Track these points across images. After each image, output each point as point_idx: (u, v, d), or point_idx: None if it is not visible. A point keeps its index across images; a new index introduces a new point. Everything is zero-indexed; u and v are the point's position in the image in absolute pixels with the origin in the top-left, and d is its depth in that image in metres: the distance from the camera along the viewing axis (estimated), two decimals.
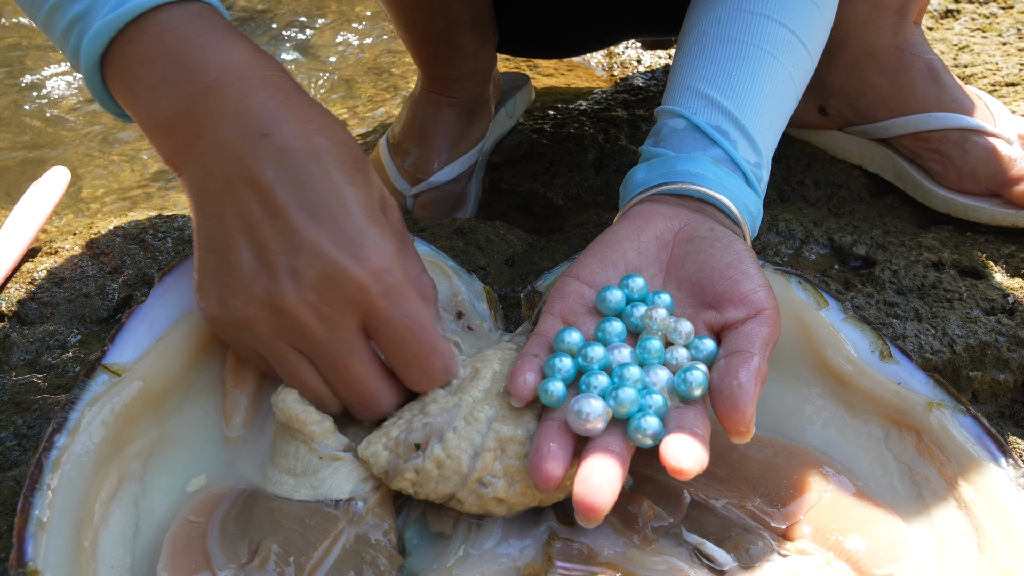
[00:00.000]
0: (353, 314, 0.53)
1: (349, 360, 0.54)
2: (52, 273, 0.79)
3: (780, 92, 0.69)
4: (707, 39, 0.70)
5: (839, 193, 0.99)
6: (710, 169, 0.64)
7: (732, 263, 0.58)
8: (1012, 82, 1.14)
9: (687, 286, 0.59)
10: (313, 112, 0.56)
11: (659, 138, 0.68)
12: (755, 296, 0.57)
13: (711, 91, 0.67)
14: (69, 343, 0.73)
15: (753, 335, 0.55)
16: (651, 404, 0.52)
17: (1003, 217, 0.87)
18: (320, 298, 0.52)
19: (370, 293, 0.53)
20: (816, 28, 0.72)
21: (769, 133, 0.68)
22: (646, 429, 0.51)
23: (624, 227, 0.62)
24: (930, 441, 0.58)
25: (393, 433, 0.55)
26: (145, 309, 0.60)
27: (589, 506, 0.47)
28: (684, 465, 0.48)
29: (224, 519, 0.52)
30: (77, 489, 0.50)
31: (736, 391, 0.52)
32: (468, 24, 1.00)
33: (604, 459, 0.49)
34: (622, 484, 0.49)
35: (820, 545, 0.54)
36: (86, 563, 0.48)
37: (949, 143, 0.91)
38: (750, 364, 0.53)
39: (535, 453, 0.50)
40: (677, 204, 0.63)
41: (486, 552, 0.54)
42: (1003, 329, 0.74)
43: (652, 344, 0.55)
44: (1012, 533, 0.52)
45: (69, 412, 0.53)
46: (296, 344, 0.54)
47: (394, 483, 0.54)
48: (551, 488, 0.49)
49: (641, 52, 1.48)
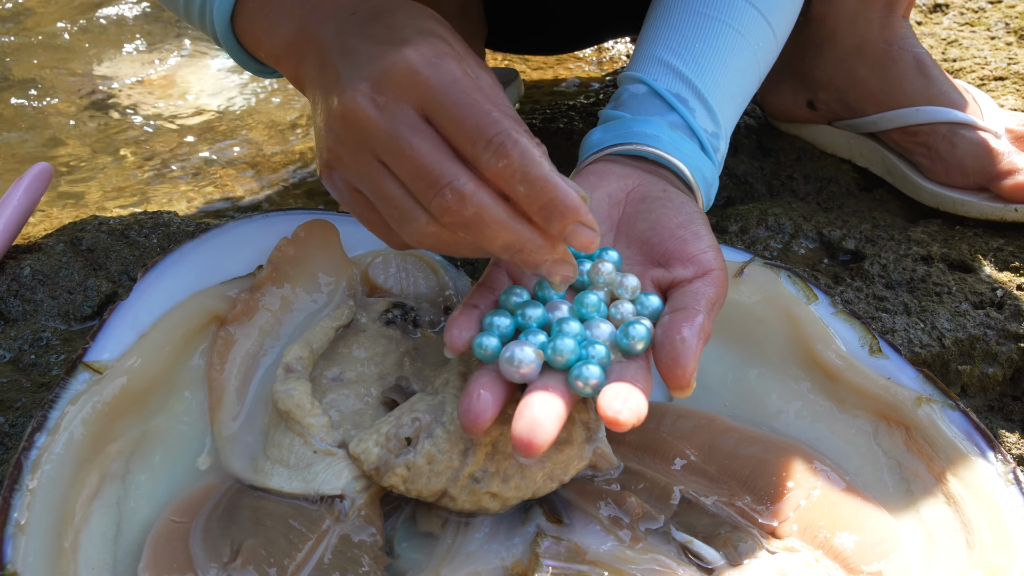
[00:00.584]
0: (409, 97, 0.50)
1: (412, 139, 0.49)
2: (35, 270, 0.78)
3: (743, 68, 0.70)
4: (674, 11, 0.70)
5: (828, 187, 0.99)
6: (666, 132, 0.64)
7: (683, 223, 0.58)
8: (1000, 76, 1.14)
9: (637, 244, 0.59)
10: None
11: (619, 102, 0.69)
12: (704, 256, 0.56)
13: (674, 60, 0.68)
14: (52, 341, 0.73)
15: (699, 293, 0.54)
16: (593, 354, 0.51)
17: (991, 211, 0.87)
18: (374, 88, 0.50)
19: (419, 70, 0.49)
20: (783, 11, 0.73)
21: (729, 107, 0.69)
22: (588, 378, 0.50)
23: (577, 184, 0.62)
24: (919, 436, 0.58)
25: (383, 429, 0.54)
26: (127, 306, 0.59)
27: (527, 441, 0.46)
28: (621, 416, 0.47)
29: (208, 519, 0.51)
30: (57, 489, 0.50)
31: (679, 345, 0.51)
32: (455, 17, 1.00)
33: (544, 395, 0.49)
34: (562, 423, 0.48)
35: (808, 542, 0.54)
36: (66, 565, 0.48)
37: (937, 137, 0.91)
38: (694, 320, 0.52)
39: (465, 398, 0.50)
40: (631, 165, 0.64)
41: (474, 551, 0.53)
42: (992, 323, 0.74)
43: (589, 299, 0.55)
44: (1000, 529, 0.52)
45: (49, 411, 0.52)
46: (369, 149, 0.51)
47: (385, 479, 0.53)
48: (478, 431, 0.48)
49: (631, 47, 1.47)
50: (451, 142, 0.50)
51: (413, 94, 0.50)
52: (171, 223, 0.84)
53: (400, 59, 0.50)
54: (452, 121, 0.49)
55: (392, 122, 0.50)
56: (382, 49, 0.51)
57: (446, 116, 0.49)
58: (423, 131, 0.49)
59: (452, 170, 0.48)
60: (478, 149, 0.48)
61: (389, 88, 0.50)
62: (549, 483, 0.54)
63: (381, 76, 0.50)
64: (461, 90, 0.49)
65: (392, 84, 0.50)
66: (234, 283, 0.63)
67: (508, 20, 1.10)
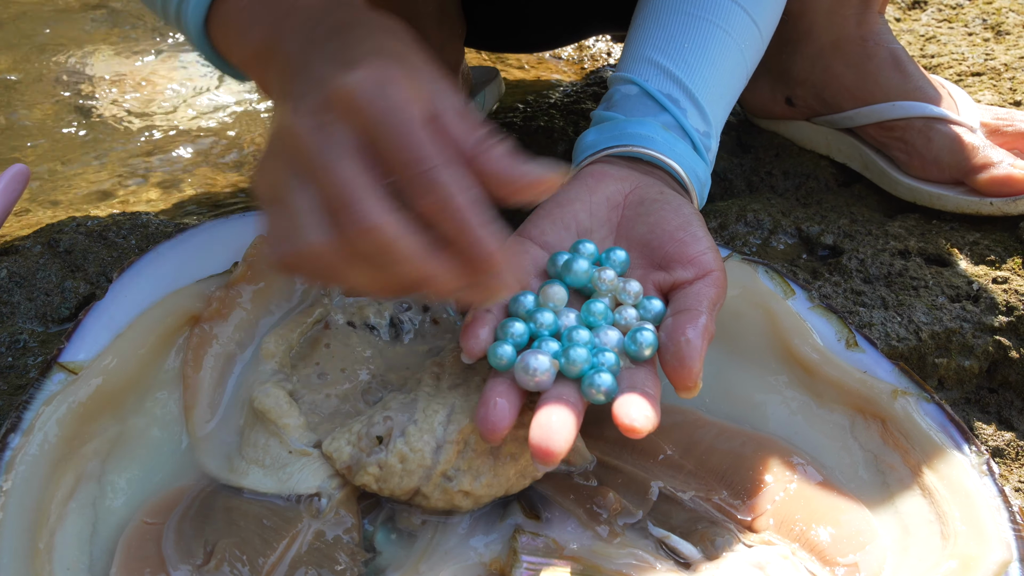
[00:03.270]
0: (351, 121, 0.48)
1: (341, 161, 0.47)
2: (12, 272, 0.77)
3: (731, 67, 0.70)
4: (662, 11, 0.71)
5: (807, 183, 0.99)
6: (660, 133, 0.65)
7: (681, 225, 0.59)
8: (977, 71, 1.15)
9: (637, 247, 0.60)
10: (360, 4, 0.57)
11: (611, 103, 0.69)
12: (703, 258, 0.57)
13: (663, 60, 0.68)
14: (29, 343, 0.72)
15: (701, 294, 0.56)
16: (603, 362, 0.53)
17: (967, 205, 0.88)
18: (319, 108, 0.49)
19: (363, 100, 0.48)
20: (768, 9, 0.74)
21: (719, 106, 0.70)
22: (600, 385, 0.51)
23: (575, 187, 0.63)
24: (895, 429, 0.59)
25: (355, 428, 0.54)
26: (103, 306, 0.59)
27: (546, 449, 0.47)
28: (637, 424, 0.48)
29: (180, 520, 0.51)
30: (32, 490, 0.50)
31: (684, 346, 0.52)
32: (433, 16, 1.00)
33: (559, 406, 0.50)
34: (576, 432, 0.49)
35: (785, 535, 0.54)
36: (41, 565, 0.48)
37: (913, 132, 0.91)
38: (697, 321, 0.54)
39: (482, 406, 0.50)
40: (627, 166, 0.64)
41: (453, 548, 0.53)
42: (968, 316, 0.74)
43: (596, 307, 0.56)
44: (974, 520, 0.53)
45: (24, 412, 0.52)
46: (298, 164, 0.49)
47: (357, 478, 0.53)
48: (497, 440, 0.49)
49: (611, 45, 1.48)
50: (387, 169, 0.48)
51: (355, 119, 0.49)
52: (149, 224, 0.84)
53: (346, 83, 0.48)
54: (388, 151, 0.47)
55: (327, 143, 0.48)
56: (332, 69, 0.50)
57: (384, 144, 0.48)
58: (354, 156, 0.48)
59: (366, 201, 0.47)
60: (409, 181, 0.47)
61: (332, 110, 0.49)
62: (522, 480, 0.54)
63: (326, 98, 0.49)
64: (400, 120, 0.47)
65: (335, 107, 0.49)
66: (210, 281, 0.63)
67: (488, 19, 1.10)
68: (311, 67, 0.52)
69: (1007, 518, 0.52)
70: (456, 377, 0.57)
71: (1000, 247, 0.84)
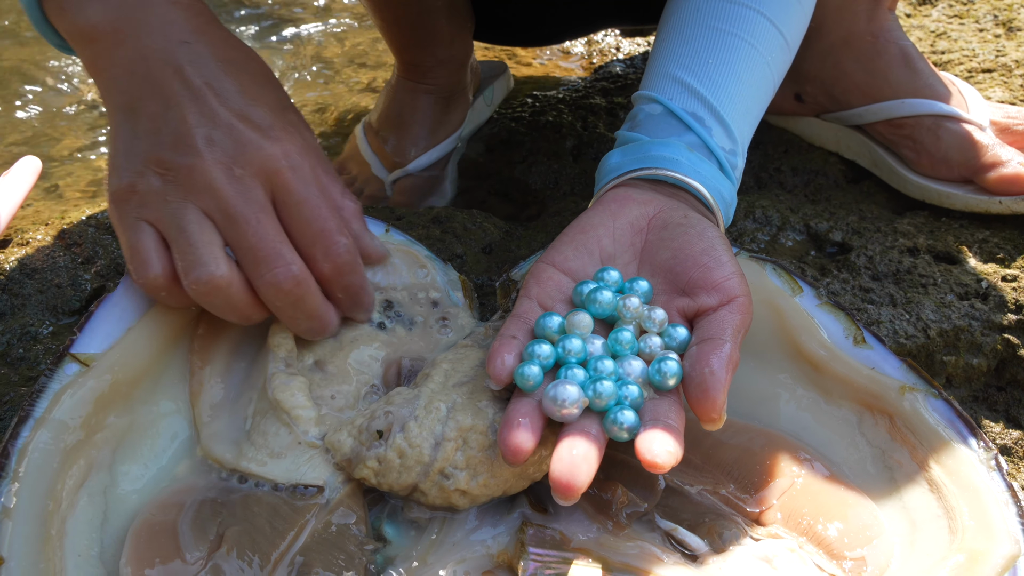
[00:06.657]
0: (263, 180, 0.56)
1: (259, 215, 0.56)
2: (23, 264, 0.78)
3: (757, 81, 0.69)
4: (686, 26, 0.70)
5: (816, 180, 0.99)
6: (684, 155, 0.64)
7: (705, 250, 0.58)
8: (988, 68, 1.15)
9: (661, 273, 0.59)
10: (227, 35, 0.62)
11: (635, 123, 0.68)
12: (728, 283, 0.57)
13: (688, 78, 0.67)
14: (41, 335, 0.73)
15: (725, 322, 0.55)
16: (627, 396, 0.52)
17: (976, 203, 0.88)
18: (233, 160, 0.56)
19: (281, 165, 0.57)
20: (795, 18, 0.72)
21: (745, 121, 0.68)
22: (623, 423, 0.51)
23: (599, 213, 0.62)
24: (903, 425, 0.59)
25: (357, 422, 0.55)
26: (115, 298, 0.59)
27: (567, 484, 0.47)
28: (659, 459, 0.48)
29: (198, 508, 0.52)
30: (44, 477, 0.50)
31: (708, 378, 0.52)
32: (443, 10, 1.00)
33: (582, 439, 0.50)
34: (598, 466, 0.49)
35: (792, 529, 0.54)
36: (53, 551, 0.48)
37: (922, 129, 0.91)
38: (721, 351, 0.53)
39: (505, 426, 0.50)
40: (651, 189, 0.63)
41: (460, 540, 0.54)
42: (977, 314, 0.74)
43: (623, 336, 0.55)
44: (982, 515, 0.53)
45: (36, 401, 0.53)
46: (206, 206, 0.55)
47: (357, 471, 0.54)
48: (519, 461, 0.49)
49: (620, 40, 1.48)
50: (290, 230, 0.57)
51: (270, 181, 0.57)
52: None
53: (265, 148, 0.57)
54: (298, 219, 0.57)
55: (244, 196, 0.56)
56: (247, 128, 0.57)
57: (295, 213, 0.57)
58: (269, 212, 0.56)
59: (289, 255, 0.56)
60: (315, 249, 0.58)
61: (248, 166, 0.56)
62: (521, 481, 0.55)
63: (243, 154, 0.56)
64: (312, 194, 0.58)
65: (251, 164, 0.56)
66: None
67: (496, 12, 1.10)
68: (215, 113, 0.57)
69: (1015, 513, 0.53)
70: (463, 375, 0.57)
71: (1009, 245, 0.84)
